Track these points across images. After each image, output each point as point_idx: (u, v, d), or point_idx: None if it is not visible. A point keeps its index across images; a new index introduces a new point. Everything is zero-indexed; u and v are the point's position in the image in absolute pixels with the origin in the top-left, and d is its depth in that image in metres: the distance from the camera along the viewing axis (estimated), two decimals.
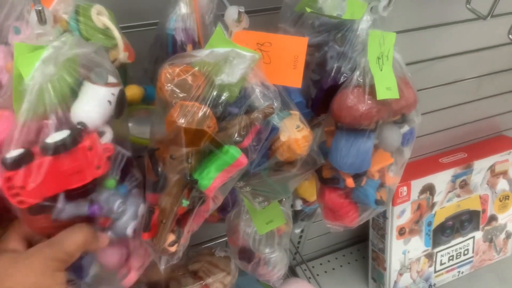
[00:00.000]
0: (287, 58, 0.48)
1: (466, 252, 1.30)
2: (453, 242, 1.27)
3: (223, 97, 0.45)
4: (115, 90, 0.44)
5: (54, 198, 0.42)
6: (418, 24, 0.89)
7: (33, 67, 0.39)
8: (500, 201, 1.30)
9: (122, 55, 0.49)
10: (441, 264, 1.27)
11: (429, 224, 1.21)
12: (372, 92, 0.55)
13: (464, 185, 1.23)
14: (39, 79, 0.39)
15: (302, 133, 0.51)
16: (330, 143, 0.61)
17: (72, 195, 0.43)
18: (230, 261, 0.88)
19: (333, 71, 0.58)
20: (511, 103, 1.24)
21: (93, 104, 0.43)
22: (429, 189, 1.18)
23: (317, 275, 1.29)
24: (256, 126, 0.47)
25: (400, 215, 1.15)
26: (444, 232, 1.24)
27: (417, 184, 1.15)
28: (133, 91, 0.51)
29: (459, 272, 1.31)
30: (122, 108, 0.45)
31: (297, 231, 0.95)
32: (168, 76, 0.44)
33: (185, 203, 0.46)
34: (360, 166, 0.60)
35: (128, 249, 0.54)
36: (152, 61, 0.60)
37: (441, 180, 1.18)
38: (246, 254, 0.78)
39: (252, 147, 0.47)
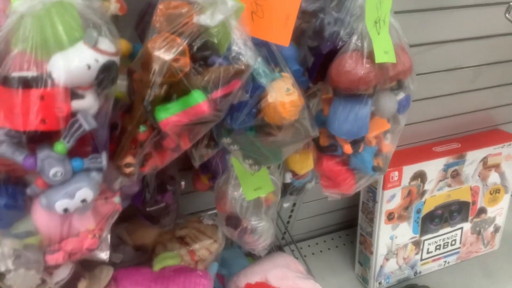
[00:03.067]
0: (279, 15, 0.48)
1: (453, 242, 1.31)
2: (441, 231, 1.28)
3: (202, 40, 0.46)
4: (102, 58, 0.42)
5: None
6: (419, 5, 0.89)
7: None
8: (491, 194, 1.30)
9: (113, 6, 0.49)
10: (428, 252, 1.28)
11: (418, 211, 1.22)
12: (370, 56, 0.55)
13: (456, 175, 1.23)
14: (20, 10, 0.39)
15: (291, 97, 0.51)
16: (327, 111, 0.62)
17: (13, 136, 0.40)
18: (218, 229, 0.88)
19: (331, 37, 0.58)
20: (507, 97, 1.24)
21: (70, 61, 0.41)
22: (421, 176, 1.18)
23: (305, 256, 1.29)
24: (235, 81, 0.47)
25: (390, 199, 1.16)
26: (432, 220, 1.25)
27: (409, 170, 1.15)
28: (121, 46, 0.50)
29: (445, 262, 1.32)
30: (105, 78, 0.43)
31: (286, 205, 0.95)
32: (162, 7, 0.45)
33: (142, 128, 0.48)
34: (358, 132, 0.60)
35: (67, 228, 0.49)
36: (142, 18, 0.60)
37: (433, 168, 1.19)
38: (233, 221, 0.78)
39: (223, 100, 0.47)
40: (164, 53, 0.44)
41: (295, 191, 0.90)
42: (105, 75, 0.43)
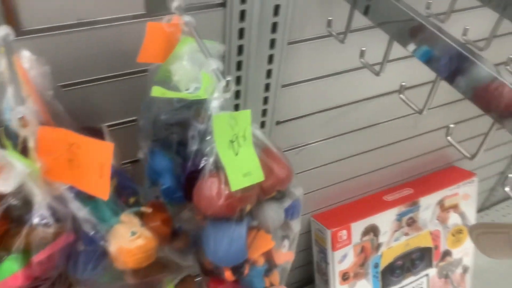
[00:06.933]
0: (94, 164, 0.41)
1: None
2: (405, 282, 1.21)
3: (16, 202, 0.41)
4: None
5: None
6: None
7: None
8: (453, 235, 1.23)
9: None
10: None
11: (376, 266, 1.15)
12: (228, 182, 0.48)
13: (412, 222, 1.17)
14: None
15: (137, 243, 0.45)
16: None
17: None
18: None
19: (194, 156, 0.52)
20: (460, 134, 1.18)
21: None
22: (373, 230, 1.12)
23: None
24: (56, 241, 0.41)
25: (342, 260, 1.09)
26: (393, 272, 1.18)
27: (358, 226, 1.09)
28: None
29: None
30: None
31: None
32: None
33: None
34: (235, 258, 0.53)
35: None
36: None
37: (385, 220, 1.12)
38: None
39: (50, 260, 0.41)
40: None
41: None
42: None
